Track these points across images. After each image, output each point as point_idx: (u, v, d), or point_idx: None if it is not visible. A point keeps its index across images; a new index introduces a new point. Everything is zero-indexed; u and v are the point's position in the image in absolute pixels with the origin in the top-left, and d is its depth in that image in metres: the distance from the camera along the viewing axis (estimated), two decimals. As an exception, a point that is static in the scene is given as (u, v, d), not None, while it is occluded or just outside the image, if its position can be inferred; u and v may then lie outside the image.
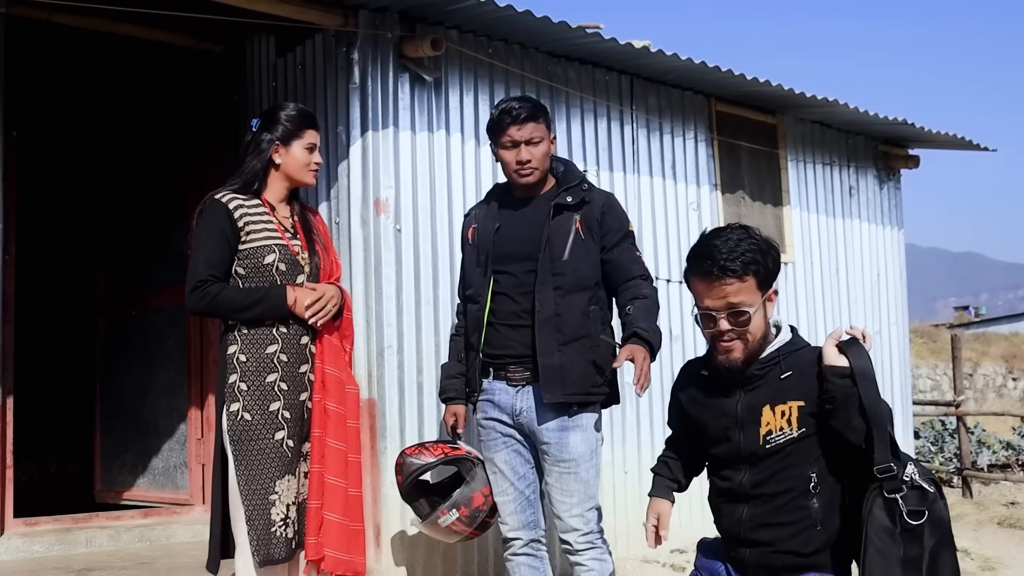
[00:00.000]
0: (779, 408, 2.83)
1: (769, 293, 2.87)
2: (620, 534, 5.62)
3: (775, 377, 2.87)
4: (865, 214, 7.71)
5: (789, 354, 2.89)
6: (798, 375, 2.84)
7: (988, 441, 13.52)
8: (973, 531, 8.64)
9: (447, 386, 4.06)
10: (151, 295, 6.41)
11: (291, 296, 3.56)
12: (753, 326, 2.84)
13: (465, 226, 4.10)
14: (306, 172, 3.71)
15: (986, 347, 25.19)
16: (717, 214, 6.56)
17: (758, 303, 2.84)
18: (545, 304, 3.75)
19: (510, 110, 3.81)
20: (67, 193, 8.48)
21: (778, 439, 2.83)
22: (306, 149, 3.69)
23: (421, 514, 4.06)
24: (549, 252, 3.79)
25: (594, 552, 3.83)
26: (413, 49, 4.94)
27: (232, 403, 3.54)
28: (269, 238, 3.59)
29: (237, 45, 5.91)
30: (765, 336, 2.90)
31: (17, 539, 5.21)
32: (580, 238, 3.81)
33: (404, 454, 4.06)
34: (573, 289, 3.77)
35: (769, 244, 2.89)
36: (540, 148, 3.83)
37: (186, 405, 6.09)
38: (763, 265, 2.84)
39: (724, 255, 2.81)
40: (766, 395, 2.86)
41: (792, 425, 2.81)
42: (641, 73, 6.13)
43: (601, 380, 3.81)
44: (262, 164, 3.66)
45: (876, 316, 7.68)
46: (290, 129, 3.67)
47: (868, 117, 7.11)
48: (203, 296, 3.52)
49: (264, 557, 3.48)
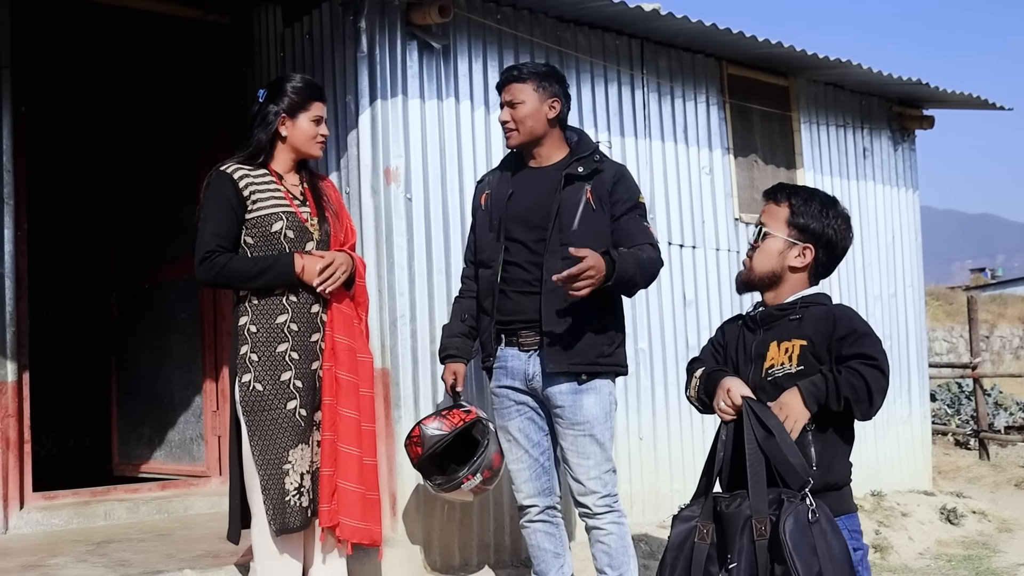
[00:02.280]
0: (784, 345, 2.99)
1: (802, 248, 3.06)
2: (636, 500, 5.63)
3: (790, 318, 3.03)
4: (880, 176, 7.65)
5: (811, 303, 3.05)
6: (809, 318, 2.99)
7: (1005, 403, 13.48)
8: (990, 493, 8.65)
9: (447, 344, 4.09)
10: (163, 268, 6.41)
11: (299, 263, 3.56)
12: (763, 251, 3.08)
13: (478, 192, 4.11)
14: (312, 144, 3.71)
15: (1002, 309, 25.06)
16: (730, 178, 6.51)
17: (782, 232, 3.06)
18: (552, 273, 3.75)
19: (502, 74, 3.95)
20: (78, 168, 8.48)
21: (777, 373, 2.97)
22: (312, 122, 3.69)
23: (437, 482, 4.06)
24: (559, 222, 3.79)
25: (612, 516, 3.86)
26: (421, 16, 4.90)
27: (244, 374, 3.55)
28: (276, 206, 3.59)
29: (244, 16, 5.87)
30: (779, 277, 3.08)
31: (37, 513, 5.24)
32: (591, 208, 3.81)
33: (422, 425, 4.06)
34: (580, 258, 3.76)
35: (838, 214, 3.12)
36: (520, 110, 3.87)
37: (201, 377, 6.10)
38: (804, 210, 3.07)
39: (788, 187, 3.16)
40: (777, 333, 3.03)
41: (792, 361, 2.95)
42: (651, 37, 6.07)
43: (608, 351, 3.80)
44: (268, 136, 3.66)
45: (891, 279, 7.63)
46: (296, 101, 3.66)
47: (882, 78, 7.03)
48: (211, 267, 3.53)
49: (280, 526, 3.50)
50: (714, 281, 6.34)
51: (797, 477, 2.75)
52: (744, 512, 2.76)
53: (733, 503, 2.81)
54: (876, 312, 7.41)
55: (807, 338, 2.94)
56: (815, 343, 2.92)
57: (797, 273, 3.08)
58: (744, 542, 2.72)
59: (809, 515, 2.69)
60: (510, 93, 3.87)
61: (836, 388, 2.81)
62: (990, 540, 6.77)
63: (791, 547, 2.62)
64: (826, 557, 2.65)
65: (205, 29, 6.02)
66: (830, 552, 2.67)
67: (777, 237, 3.07)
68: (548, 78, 3.89)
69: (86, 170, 8.32)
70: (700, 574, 2.81)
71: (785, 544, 2.62)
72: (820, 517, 2.70)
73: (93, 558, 4.46)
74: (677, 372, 6.02)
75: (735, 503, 2.80)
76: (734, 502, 2.81)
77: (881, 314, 7.47)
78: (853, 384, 2.80)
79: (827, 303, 3.07)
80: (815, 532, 2.68)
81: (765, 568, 2.67)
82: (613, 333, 3.86)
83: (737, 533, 2.75)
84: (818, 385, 2.84)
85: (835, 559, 2.67)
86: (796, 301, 3.05)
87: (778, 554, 2.64)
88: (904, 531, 6.53)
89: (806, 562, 2.61)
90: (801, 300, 3.05)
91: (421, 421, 4.09)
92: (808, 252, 3.07)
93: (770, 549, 2.67)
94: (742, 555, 2.72)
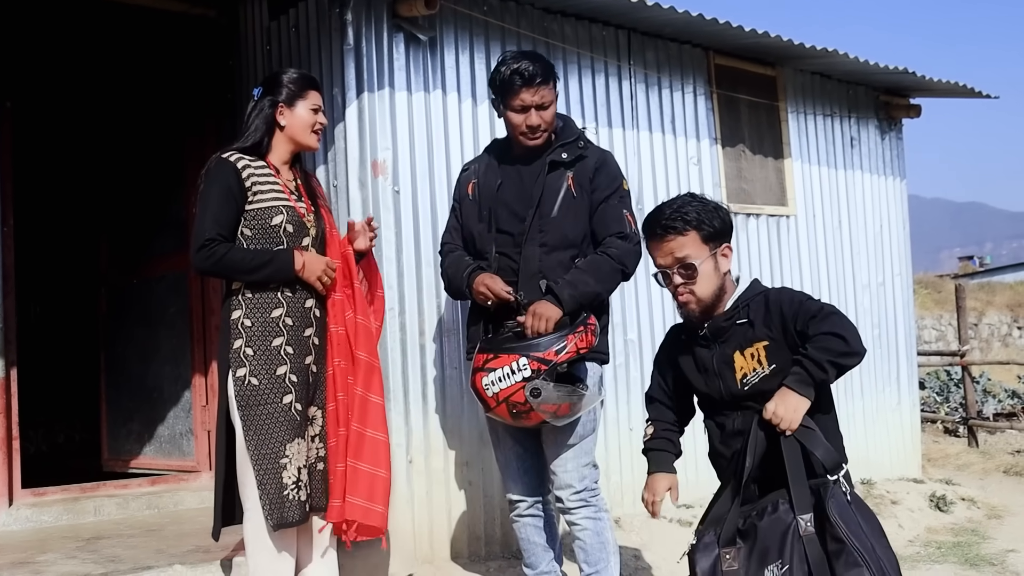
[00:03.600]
0: (748, 351, 3.04)
1: (721, 248, 3.12)
2: (626, 491, 5.63)
3: (739, 325, 3.08)
4: (867, 165, 7.66)
5: (750, 300, 3.10)
6: (758, 317, 3.05)
7: (993, 390, 13.55)
8: (979, 480, 8.68)
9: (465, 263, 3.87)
10: (152, 263, 6.39)
11: (299, 260, 3.55)
12: (702, 278, 3.08)
13: (464, 180, 4.04)
14: (309, 134, 3.70)
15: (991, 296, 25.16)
16: (718, 168, 6.52)
17: (705, 256, 3.09)
18: (529, 261, 3.74)
19: (523, 72, 3.72)
20: (65, 163, 8.45)
21: (753, 380, 3.03)
22: (311, 110, 3.69)
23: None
24: (539, 209, 3.77)
25: (587, 511, 3.81)
26: (407, 8, 4.89)
27: (239, 368, 3.53)
28: (276, 199, 3.58)
29: (230, 9, 5.85)
30: (722, 288, 3.13)
31: (26, 509, 5.23)
32: (571, 196, 3.78)
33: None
34: (558, 246, 3.76)
35: (716, 205, 3.17)
36: (550, 112, 3.80)
37: (190, 372, 6.09)
38: (706, 221, 3.09)
39: (667, 216, 3.11)
40: (735, 343, 3.08)
41: (763, 364, 3.02)
42: (638, 27, 6.07)
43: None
44: (267, 126, 3.64)
45: (880, 268, 7.65)
46: (293, 91, 3.67)
47: (868, 67, 7.05)
48: (210, 255, 3.49)
49: (278, 520, 3.48)
50: (703, 271, 6.34)
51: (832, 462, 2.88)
52: (783, 517, 2.86)
53: (766, 512, 2.89)
54: (864, 301, 7.43)
55: (766, 337, 3.01)
56: (776, 339, 3.00)
57: (727, 275, 3.16)
58: (791, 540, 2.82)
59: (848, 496, 2.85)
60: (540, 95, 3.75)
61: (816, 363, 2.87)
62: (979, 527, 6.80)
63: (843, 525, 2.78)
64: (868, 531, 2.83)
65: (191, 23, 6.00)
66: (870, 525, 2.85)
67: (706, 259, 3.10)
68: (555, 72, 3.87)
69: (74, 165, 8.29)
70: None
71: (837, 524, 2.78)
72: (853, 497, 2.88)
73: (83, 554, 4.45)
74: (667, 362, 6.03)
75: (768, 511, 2.89)
76: (766, 510, 2.89)
77: (870, 303, 7.49)
78: (828, 347, 2.87)
79: (761, 290, 3.13)
80: (855, 509, 2.85)
81: (818, 555, 2.78)
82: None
83: (780, 536, 2.85)
84: (799, 373, 2.90)
85: (875, 531, 2.87)
86: (736, 305, 3.11)
87: (830, 534, 2.79)
88: (894, 519, 6.56)
89: (857, 535, 2.78)
90: (740, 301, 3.11)
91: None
92: (728, 248, 3.16)
93: (818, 534, 2.81)
94: (793, 554, 2.81)
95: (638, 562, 5.10)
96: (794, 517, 2.82)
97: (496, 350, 3.58)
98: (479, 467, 5.04)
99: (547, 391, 3.47)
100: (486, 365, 3.57)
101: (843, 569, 2.75)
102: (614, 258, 3.73)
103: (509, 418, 3.60)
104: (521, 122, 3.78)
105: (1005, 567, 5.63)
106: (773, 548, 2.84)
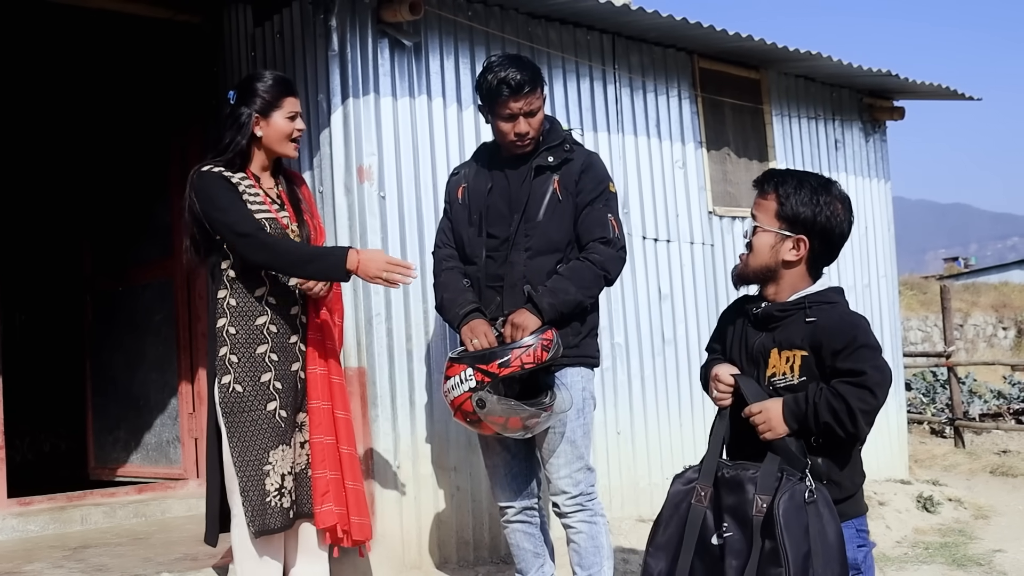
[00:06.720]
0: (785, 353, 2.87)
1: (795, 236, 2.88)
2: (615, 494, 5.64)
3: (793, 322, 2.89)
4: (851, 167, 7.69)
5: (815, 304, 2.89)
6: (812, 326, 2.85)
7: (979, 391, 13.61)
8: (966, 480, 8.72)
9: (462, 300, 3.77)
10: (137, 270, 6.38)
11: (353, 260, 3.46)
12: (756, 248, 2.92)
13: (453, 184, 4.01)
14: (287, 143, 3.66)
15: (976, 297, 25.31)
16: (703, 171, 6.53)
17: (772, 225, 2.89)
18: (514, 267, 3.73)
19: (509, 80, 3.68)
20: (50, 170, 8.41)
21: (780, 383, 2.87)
22: (288, 119, 3.64)
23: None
24: (525, 213, 3.76)
25: (583, 515, 3.81)
26: (391, 14, 4.88)
27: (223, 375, 3.53)
28: (259, 211, 3.56)
29: (214, 16, 5.84)
30: (777, 274, 2.92)
31: (12, 519, 5.21)
32: (557, 199, 3.76)
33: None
34: (543, 251, 3.74)
35: (829, 201, 2.88)
36: (538, 118, 3.78)
37: (176, 380, 6.07)
38: (792, 201, 2.87)
39: (769, 175, 2.97)
40: (779, 338, 2.89)
41: (794, 372, 2.85)
42: (623, 32, 6.08)
43: (574, 341, 3.76)
44: (245, 139, 3.60)
45: (865, 269, 7.68)
46: (268, 100, 3.61)
47: (852, 69, 7.08)
48: (261, 244, 3.45)
49: (259, 527, 3.48)
50: (689, 275, 6.36)
51: (797, 461, 2.74)
52: (741, 479, 2.74)
53: (734, 470, 2.80)
54: (850, 303, 7.43)
55: (808, 349, 2.82)
56: (815, 354, 2.82)
57: (794, 267, 2.91)
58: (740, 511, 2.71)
59: (806, 495, 2.66)
60: (529, 102, 3.71)
61: (815, 413, 2.73)
62: (966, 527, 6.83)
63: (783, 524, 2.61)
64: (817, 539, 2.63)
65: (176, 29, 5.99)
66: (823, 535, 2.65)
67: (768, 231, 2.90)
68: (542, 76, 3.84)
69: (59, 172, 8.25)
70: (695, 536, 2.78)
71: (777, 521, 2.61)
72: (818, 499, 2.68)
73: (70, 564, 4.44)
74: (653, 366, 6.04)
75: (736, 470, 2.79)
76: (735, 469, 2.80)
77: (855, 305, 7.49)
78: (833, 407, 2.72)
79: (835, 301, 2.93)
80: (810, 512, 2.66)
81: (757, 542, 2.65)
82: (578, 325, 3.77)
83: (733, 498, 2.74)
84: (800, 406, 2.76)
85: (827, 542, 2.65)
86: (800, 301, 2.89)
87: (769, 530, 2.63)
88: (881, 520, 6.57)
89: (795, 540, 2.60)
90: (806, 300, 2.90)
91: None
92: (802, 244, 2.88)
93: (764, 524, 2.66)
94: (737, 525, 2.71)
95: (627, 565, 5.10)
96: (755, 493, 2.70)
97: (453, 358, 3.62)
98: (467, 472, 5.04)
99: (491, 403, 3.48)
100: (446, 372, 3.62)
101: (765, 563, 2.62)
102: (596, 264, 3.71)
103: (467, 425, 3.66)
104: (509, 130, 3.75)
105: (992, 567, 5.66)
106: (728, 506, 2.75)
